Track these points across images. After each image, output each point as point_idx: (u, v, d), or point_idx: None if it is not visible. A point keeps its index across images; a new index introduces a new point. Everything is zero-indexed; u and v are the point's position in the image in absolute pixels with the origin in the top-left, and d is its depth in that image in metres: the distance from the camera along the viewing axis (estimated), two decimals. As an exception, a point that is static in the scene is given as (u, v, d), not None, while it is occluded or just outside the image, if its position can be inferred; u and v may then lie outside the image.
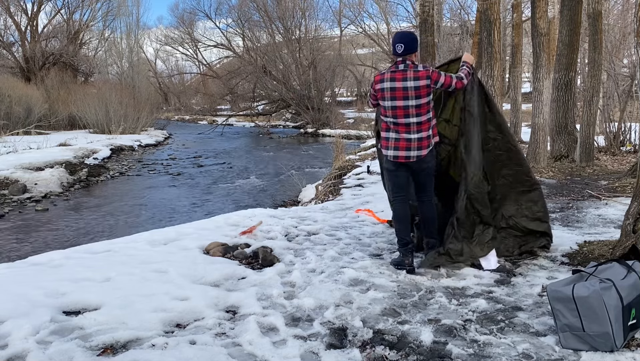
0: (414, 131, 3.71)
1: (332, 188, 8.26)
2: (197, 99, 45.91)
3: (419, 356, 2.55)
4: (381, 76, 3.76)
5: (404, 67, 3.66)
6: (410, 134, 3.71)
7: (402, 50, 3.65)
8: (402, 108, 3.67)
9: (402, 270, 3.77)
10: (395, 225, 4.00)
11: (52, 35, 29.40)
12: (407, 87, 3.63)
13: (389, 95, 3.69)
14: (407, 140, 3.71)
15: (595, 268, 2.70)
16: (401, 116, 3.70)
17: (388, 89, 3.69)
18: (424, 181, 3.91)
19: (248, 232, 4.75)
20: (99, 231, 7.57)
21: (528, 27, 15.46)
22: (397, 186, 3.91)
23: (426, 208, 3.98)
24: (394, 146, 3.76)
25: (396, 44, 3.67)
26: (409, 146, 3.72)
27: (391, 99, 3.69)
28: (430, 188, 3.96)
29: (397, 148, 3.74)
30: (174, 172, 13.51)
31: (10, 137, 16.33)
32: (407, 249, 3.83)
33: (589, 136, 8.91)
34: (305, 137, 25.79)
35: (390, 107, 3.71)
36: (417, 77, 3.62)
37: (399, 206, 3.93)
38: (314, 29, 31.57)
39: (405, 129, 3.71)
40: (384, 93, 3.72)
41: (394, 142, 3.76)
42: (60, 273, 3.60)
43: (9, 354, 2.50)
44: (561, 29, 9.09)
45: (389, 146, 3.79)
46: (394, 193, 3.94)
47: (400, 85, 3.64)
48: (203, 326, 2.89)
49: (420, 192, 3.98)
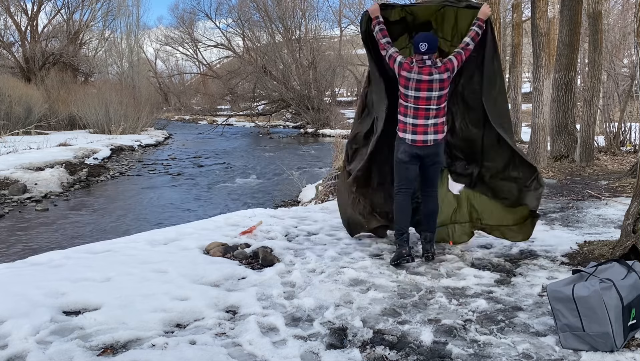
0: (431, 117, 3.91)
1: (332, 188, 8.24)
2: (197, 99, 45.89)
3: (419, 356, 2.55)
4: (410, 66, 3.86)
5: (431, 62, 3.84)
6: (428, 120, 3.91)
7: (425, 49, 3.82)
8: (425, 99, 3.88)
9: (402, 263, 3.88)
10: (395, 215, 4.10)
11: (52, 35, 29.36)
12: (432, 80, 3.83)
13: (414, 85, 3.86)
14: (424, 125, 3.91)
15: (595, 268, 2.70)
16: (423, 104, 3.90)
17: (414, 80, 3.85)
18: (432, 175, 4.10)
19: (248, 232, 4.75)
20: (99, 231, 7.57)
21: (528, 27, 15.45)
22: (406, 178, 4.05)
23: (432, 201, 4.14)
24: (411, 130, 3.93)
25: (420, 43, 3.84)
26: (426, 131, 3.91)
27: (416, 90, 3.87)
28: (437, 181, 4.16)
29: (415, 132, 3.92)
30: (174, 173, 13.50)
31: (10, 137, 16.33)
32: (402, 238, 3.99)
33: (589, 136, 8.92)
34: (305, 137, 25.78)
35: (413, 97, 3.90)
36: (440, 72, 3.83)
37: (402, 197, 4.07)
38: (314, 29, 31.56)
39: (424, 114, 3.91)
40: (410, 83, 3.87)
41: (412, 127, 3.93)
42: (60, 273, 3.60)
43: (9, 354, 2.50)
44: (561, 29, 9.10)
45: (406, 130, 3.95)
46: (401, 184, 4.07)
47: (427, 78, 3.83)
48: (203, 326, 2.89)
49: (428, 186, 4.14)
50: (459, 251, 4.26)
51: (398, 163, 4.05)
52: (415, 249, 4.25)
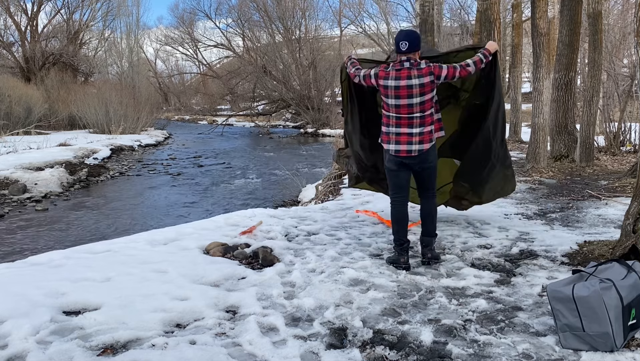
0: (415, 125, 3.72)
1: (332, 188, 8.25)
2: (197, 99, 45.90)
3: (419, 356, 2.55)
4: (386, 72, 3.74)
5: (409, 65, 3.67)
6: (412, 128, 3.72)
7: (406, 48, 3.64)
8: (406, 106, 3.71)
9: (398, 268, 3.81)
10: (393, 226, 3.99)
11: (52, 35, 29.37)
12: (411, 85, 3.65)
13: (393, 93, 3.71)
14: (408, 134, 3.73)
15: (595, 268, 2.70)
16: (404, 113, 3.73)
17: (392, 87, 3.70)
18: (426, 179, 3.95)
19: (248, 232, 4.75)
20: (99, 231, 7.57)
21: (528, 27, 15.45)
22: (398, 186, 3.93)
23: (429, 203, 4.01)
24: (395, 140, 3.77)
25: (400, 42, 3.66)
26: (410, 140, 3.73)
27: (395, 98, 3.72)
28: (433, 184, 4.00)
29: (398, 142, 3.76)
30: (174, 173, 13.50)
31: (10, 137, 16.34)
32: (402, 248, 3.89)
33: (589, 136, 8.91)
34: (305, 137, 25.78)
35: (394, 105, 3.74)
36: (420, 75, 3.65)
37: (398, 208, 3.94)
38: (314, 29, 31.56)
39: (407, 122, 3.73)
40: (388, 91, 3.74)
41: (395, 136, 3.77)
42: (60, 273, 3.60)
43: (9, 354, 2.50)
44: (561, 29, 9.09)
45: (390, 140, 3.80)
46: (394, 194, 3.96)
47: (405, 83, 3.66)
48: (203, 326, 2.89)
49: (424, 190, 4.01)
50: (459, 251, 4.26)
51: (388, 171, 3.95)
52: (416, 249, 4.26)
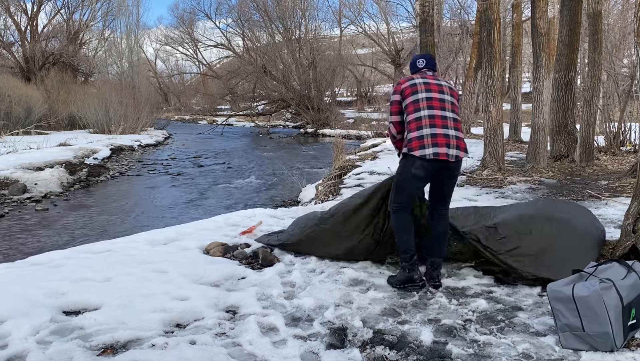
0: (451, 127, 3.34)
1: (332, 188, 8.25)
2: (197, 99, 45.91)
3: (419, 356, 2.55)
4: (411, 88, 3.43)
5: (432, 73, 3.57)
6: (448, 130, 3.32)
7: (424, 65, 3.58)
8: (438, 100, 3.39)
9: (411, 289, 3.40)
10: (400, 236, 3.50)
11: (52, 35, 29.37)
12: (441, 84, 3.46)
13: (423, 88, 3.41)
14: (444, 135, 3.29)
15: (595, 268, 2.70)
16: (438, 108, 3.35)
17: (421, 83, 3.44)
18: (449, 191, 3.54)
19: (248, 232, 4.75)
20: (99, 231, 7.57)
21: (528, 27, 15.45)
22: (411, 197, 3.56)
23: (444, 223, 3.57)
24: (431, 143, 3.26)
25: (417, 60, 3.61)
26: (448, 143, 3.28)
27: (426, 91, 3.40)
28: (450, 199, 3.59)
29: (435, 145, 3.25)
30: (174, 173, 13.50)
31: (10, 137, 16.32)
32: (412, 262, 3.44)
33: (589, 136, 8.91)
34: (305, 137, 25.76)
35: (425, 98, 3.38)
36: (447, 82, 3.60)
37: (407, 216, 3.52)
38: (314, 29, 31.57)
39: (442, 122, 3.32)
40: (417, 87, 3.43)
41: (431, 138, 3.27)
42: (60, 273, 3.60)
43: (9, 354, 2.50)
44: (561, 29, 9.10)
45: (425, 145, 3.25)
46: (406, 202, 3.51)
47: (434, 81, 3.46)
48: (203, 326, 2.89)
49: (442, 205, 3.55)
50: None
51: (410, 179, 3.40)
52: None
